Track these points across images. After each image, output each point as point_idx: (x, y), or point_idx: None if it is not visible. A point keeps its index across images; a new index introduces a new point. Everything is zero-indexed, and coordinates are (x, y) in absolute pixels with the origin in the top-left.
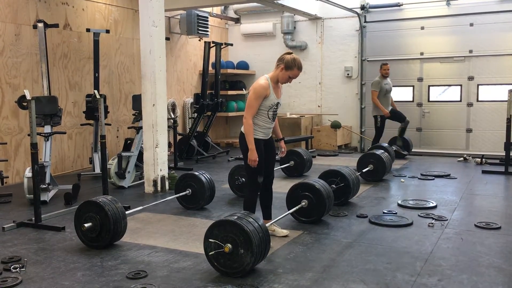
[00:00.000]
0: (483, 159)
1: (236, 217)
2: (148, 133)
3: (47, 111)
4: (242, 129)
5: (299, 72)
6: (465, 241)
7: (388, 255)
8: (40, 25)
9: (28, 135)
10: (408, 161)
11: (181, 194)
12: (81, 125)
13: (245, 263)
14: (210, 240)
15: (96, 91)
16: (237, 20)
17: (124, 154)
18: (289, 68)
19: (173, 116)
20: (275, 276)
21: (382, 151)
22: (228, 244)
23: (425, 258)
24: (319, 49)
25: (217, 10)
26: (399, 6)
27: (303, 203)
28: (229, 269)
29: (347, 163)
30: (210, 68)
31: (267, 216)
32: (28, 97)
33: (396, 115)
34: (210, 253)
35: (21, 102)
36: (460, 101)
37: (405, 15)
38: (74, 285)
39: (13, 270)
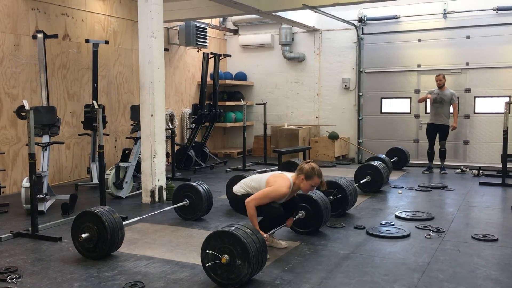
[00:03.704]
0: (480, 171)
1: (233, 228)
2: (146, 143)
3: (45, 121)
4: (235, 190)
5: (320, 179)
6: (462, 253)
7: (385, 266)
8: (40, 35)
9: (26, 145)
10: (406, 173)
11: (178, 204)
12: (79, 135)
13: (242, 274)
14: (207, 251)
15: (94, 101)
16: (235, 32)
17: (122, 164)
18: (309, 178)
19: (171, 126)
20: None
21: (380, 162)
22: (225, 255)
23: (423, 270)
24: (317, 60)
25: (215, 21)
26: (396, 18)
27: (300, 214)
28: (226, 280)
29: (344, 174)
30: (208, 79)
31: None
32: (27, 107)
33: (439, 132)
34: (207, 264)
35: (20, 112)
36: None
37: (402, 28)
38: None
39: (10, 281)
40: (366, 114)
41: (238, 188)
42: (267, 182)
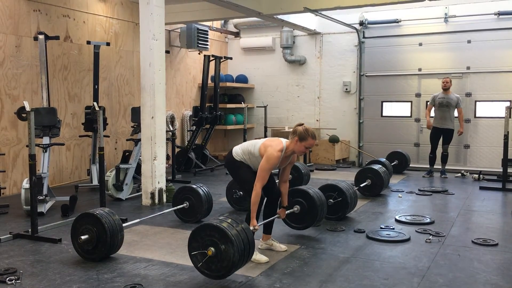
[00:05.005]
0: (481, 175)
1: (204, 221)
2: (147, 145)
3: (46, 122)
4: (234, 152)
5: (314, 141)
6: (462, 258)
7: (385, 270)
8: (41, 37)
9: (27, 146)
10: (406, 176)
11: (178, 207)
12: (80, 136)
13: (231, 255)
14: (193, 253)
15: (95, 103)
16: (236, 34)
17: (122, 166)
18: (303, 139)
19: (171, 128)
20: None
21: (380, 166)
22: (210, 248)
23: (422, 274)
24: (318, 63)
25: (217, 24)
26: (398, 22)
27: (295, 209)
28: (222, 271)
29: (345, 178)
30: (209, 81)
31: (268, 231)
32: (28, 108)
33: (443, 136)
34: (200, 265)
35: (21, 113)
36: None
37: (404, 32)
38: None
39: (9, 282)
40: (366, 118)
41: (237, 151)
42: (259, 151)
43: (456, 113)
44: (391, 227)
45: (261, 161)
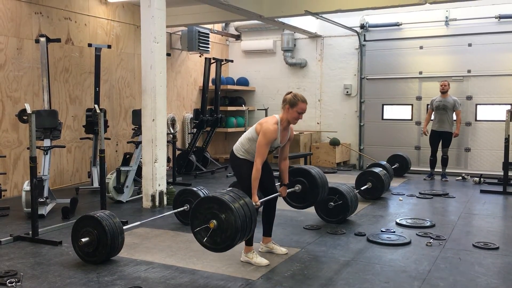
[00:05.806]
0: (481, 179)
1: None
2: (147, 148)
3: (47, 124)
4: (234, 149)
5: (305, 104)
6: (463, 261)
7: (385, 274)
8: (43, 39)
9: (28, 148)
10: (407, 180)
11: (179, 209)
12: (81, 139)
13: (233, 221)
14: (196, 230)
15: (96, 106)
16: (237, 37)
17: (122, 168)
18: (294, 104)
19: (172, 131)
20: None
21: (381, 169)
22: (212, 220)
23: (423, 278)
24: (318, 66)
25: (218, 26)
26: (398, 25)
27: (297, 188)
28: (228, 241)
29: (345, 181)
30: (210, 84)
31: (268, 233)
32: (29, 110)
33: (442, 139)
34: (205, 241)
35: (22, 115)
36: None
37: (404, 35)
38: None
39: (9, 285)
40: (367, 121)
41: (237, 147)
42: (256, 130)
43: (455, 116)
44: (392, 230)
45: (258, 137)
